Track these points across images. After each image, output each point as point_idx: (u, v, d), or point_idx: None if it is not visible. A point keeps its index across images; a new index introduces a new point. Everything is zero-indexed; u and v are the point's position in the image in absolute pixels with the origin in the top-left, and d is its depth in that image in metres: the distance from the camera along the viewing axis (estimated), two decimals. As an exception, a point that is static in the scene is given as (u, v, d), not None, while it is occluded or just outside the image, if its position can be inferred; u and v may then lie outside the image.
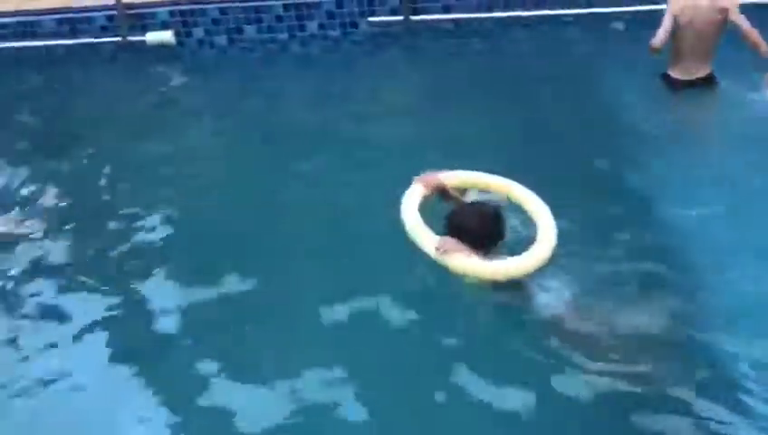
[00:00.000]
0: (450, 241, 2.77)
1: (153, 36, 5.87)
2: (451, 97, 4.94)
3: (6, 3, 6.30)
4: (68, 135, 4.94)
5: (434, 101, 4.95)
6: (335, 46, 6.03)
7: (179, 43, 6.00)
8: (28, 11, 6.13)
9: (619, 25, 5.71)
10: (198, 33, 6.03)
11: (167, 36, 5.87)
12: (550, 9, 5.80)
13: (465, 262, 2.73)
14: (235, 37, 6.06)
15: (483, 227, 2.84)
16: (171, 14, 5.96)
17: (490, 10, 5.87)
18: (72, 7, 6.09)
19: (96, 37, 6.06)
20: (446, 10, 5.87)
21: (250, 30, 6.02)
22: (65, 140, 4.87)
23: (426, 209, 3.00)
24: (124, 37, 5.86)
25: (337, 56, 5.98)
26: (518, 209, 3.07)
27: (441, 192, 3.11)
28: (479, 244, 2.81)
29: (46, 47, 6.11)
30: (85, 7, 6.04)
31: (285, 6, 5.91)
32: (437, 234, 2.84)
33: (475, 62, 5.61)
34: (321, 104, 5.05)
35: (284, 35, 6.04)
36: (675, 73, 4.51)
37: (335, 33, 6.01)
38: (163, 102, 5.39)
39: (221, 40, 6.07)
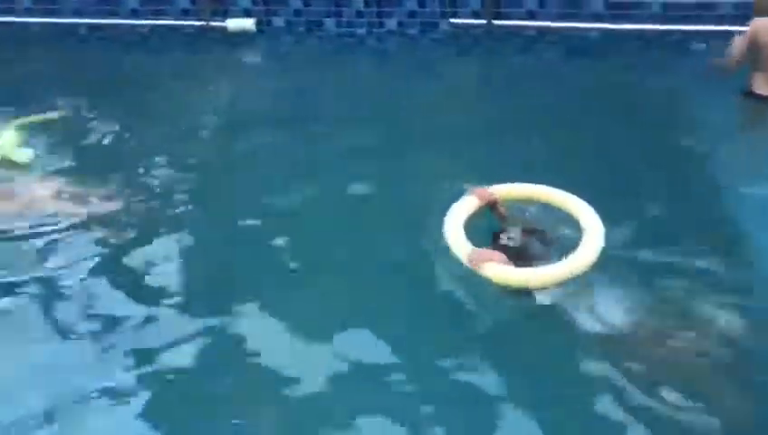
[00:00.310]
0: (484, 252, 2.82)
1: (235, 23, 5.91)
2: (525, 106, 4.86)
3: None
4: (143, 114, 4.95)
5: (507, 108, 4.86)
6: (413, 44, 6.01)
7: (259, 30, 6.00)
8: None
9: (700, 45, 5.60)
10: (279, 22, 6.05)
11: (248, 24, 5.90)
12: (632, 23, 5.69)
13: (496, 271, 2.77)
14: (314, 29, 6.05)
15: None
16: (254, 2, 5.97)
17: (570, 19, 5.77)
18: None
19: (176, 19, 6.10)
20: (530, 16, 5.79)
21: (329, 23, 6.03)
22: (141, 120, 4.86)
23: (473, 221, 3.07)
24: (206, 22, 5.89)
25: (413, 54, 5.96)
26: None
27: (492, 206, 3.16)
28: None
29: (130, 25, 6.16)
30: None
31: (366, 2, 5.89)
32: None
33: (553, 70, 5.56)
34: (391, 100, 5.07)
35: (363, 30, 6.03)
36: (759, 90, 4.46)
37: (414, 31, 5.98)
38: (240, 87, 5.44)
39: (300, 30, 6.07)
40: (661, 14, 5.65)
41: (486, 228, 3.11)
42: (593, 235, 2.88)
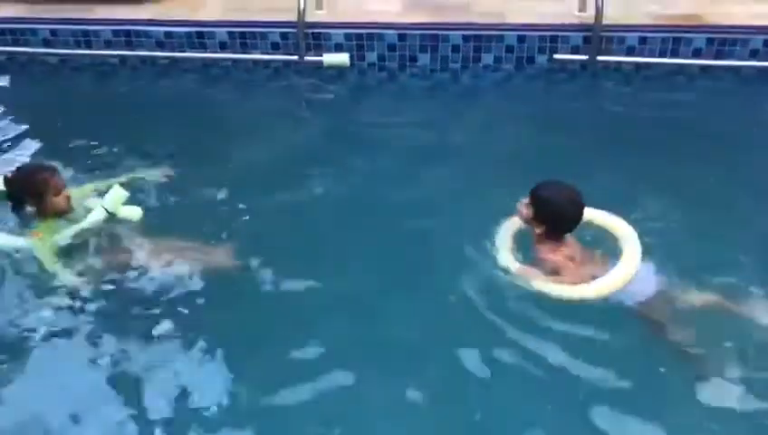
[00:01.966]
0: (530, 270, 3.20)
1: (331, 58, 5.75)
2: (622, 145, 4.81)
3: (177, 12, 6.19)
4: (238, 156, 4.76)
5: (600, 145, 4.84)
6: (508, 80, 5.91)
7: (350, 65, 5.86)
8: (199, 21, 5.99)
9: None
10: (371, 57, 5.91)
11: (344, 58, 5.75)
12: (734, 60, 5.66)
13: (545, 285, 3.13)
14: (407, 64, 5.92)
15: (573, 210, 3.23)
16: (347, 36, 5.82)
17: (672, 55, 5.72)
18: (245, 21, 5.95)
19: (264, 53, 5.92)
20: (630, 52, 5.73)
21: (423, 58, 5.89)
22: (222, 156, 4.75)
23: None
24: (301, 57, 5.73)
25: (509, 90, 5.86)
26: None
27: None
28: (562, 227, 3.27)
29: (213, 59, 5.97)
30: (261, 22, 5.90)
31: (465, 37, 5.78)
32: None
33: (652, 104, 5.49)
34: (481, 135, 5.02)
35: (457, 65, 5.91)
36: None
37: (510, 66, 5.88)
38: (328, 124, 5.28)
39: (393, 65, 5.94)
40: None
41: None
42: (631, 244, 3.20)
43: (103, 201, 3.65)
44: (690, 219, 3.87)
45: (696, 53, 5.69)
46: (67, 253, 3.61)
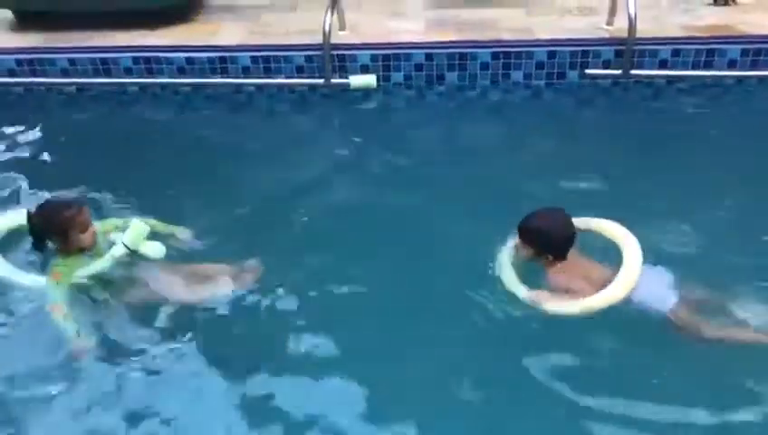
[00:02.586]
0: (541, 293, 3.22)
1: (358, 79, 5.62)
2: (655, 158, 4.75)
3: (197, 37, 6.07)
4: (261, 184, 4.65)
5: (632, 158, 4.79)
6: (537, 96, 5.79)
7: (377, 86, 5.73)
8: (219, 46, 5.86)
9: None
10: (398, 77, 5.78)
11: (371, 80, 5.62)
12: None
13: (558, 306, 3.17)
14: (434, 83, 5.80)
15: (563, 231, 3.27)
16: (373, 57, 5.70)
17: (706, 68, 5.61)
18: (269, 45, 5.82)
19: (288, 77, 5.79)
20: (663, 65, 5.61)
21: (451, 76, 5.77)
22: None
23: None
24: (327, 79, 5.59)
25: (538, 106, 5.75)
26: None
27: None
28: (561, 249, 3.29)
29: (237, 84, 5.84)
30: (285, 45, 5.78)
31: (494, 54, 5.66)
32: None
33: (684, 117, 5.39)
34: (506, 153, 4.93)
35: (486, 82, 5.78)
36: None
37: (540, 82, 5.76)
38: (357, 147, 5.14)
39: (420, 85, 5.81)
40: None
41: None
42: (632, 252, 3.19)
43: (123, 237, 3.48)
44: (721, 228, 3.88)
45: (732, 65, 5.56)
46: (83, 290, 3.47)
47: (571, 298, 3.17)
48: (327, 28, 5.47)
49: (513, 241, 3.43)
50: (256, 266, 3.63)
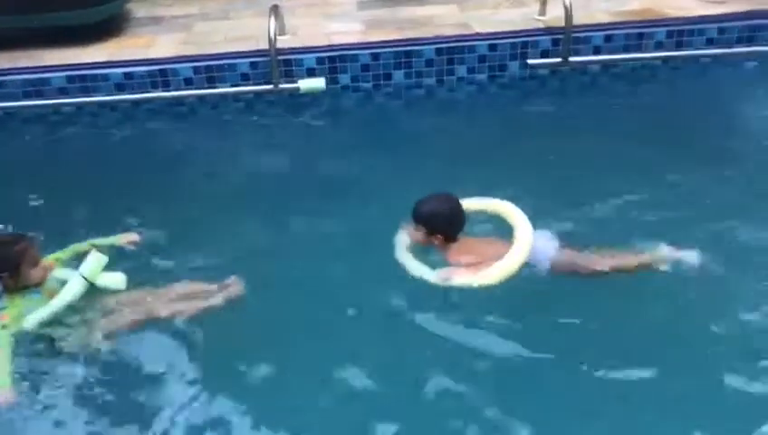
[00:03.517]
0: (448, 270, 3.32)
1: (307, 83, 5.59)
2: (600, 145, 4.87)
3: (130, 51, 5.86)
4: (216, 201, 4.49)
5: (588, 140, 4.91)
6: (481, 90, 5.92)
7: (323, 89, 5.72)
8: (158, 59, 5.68)
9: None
10: (345, 79, 5.78)
11: (320, 83, 5.60)
12: (692, 49, 5.91)
13: (467, 278, 3.27)
14: (381, 83, 5.84)
15: (454, 212, 3.45)
16: (319, 60, 5.68)
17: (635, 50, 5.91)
18: (211, 54, 5.70)
19: (234, 85, 5.69)
20: (597, 51, 5.87)
21: (398, 75, 5.83)
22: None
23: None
24: (276, 85, 5.53)
25: (482, 100, 5.88)
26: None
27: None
28: (453, 229, 3.46)
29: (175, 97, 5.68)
30: (228, 54, 5.67)
31: (438, 50, 5.76)
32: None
33: (623, 100, 5.63)
34: (445, 149, 4.95)
35: (432, 80, 5.88)
36: None
37: (483, 76, 5.90)
38: (310, 151, 5.11)
39: (367, 86, 5.84)
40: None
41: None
42: (522, 223, 3.41)
43: (81, 269, 3.23)
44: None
45: (658, 46, 5.88)
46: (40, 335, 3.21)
47: (474, 269, 3.30)
48: (272, 34, 5.40)
49: (405, 227, 3.56)
50: (236, 283, 3.48)
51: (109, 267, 3.36)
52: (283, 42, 5.79)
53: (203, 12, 6.70)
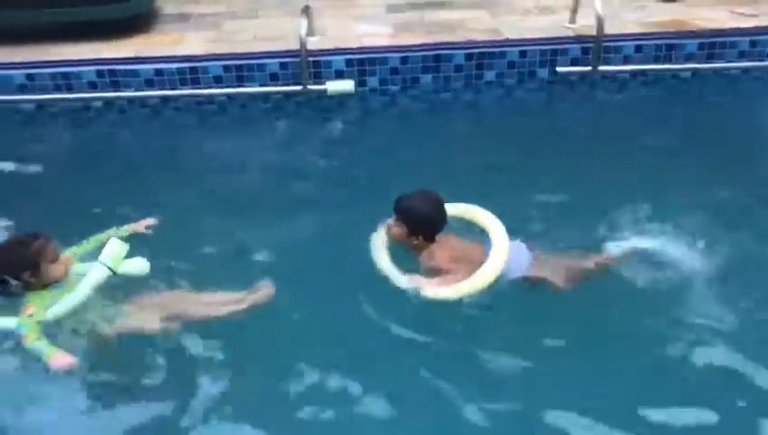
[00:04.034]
0: (419, 279, 3.24)
1: (335, 85, 5.58)
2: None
3: (158, 48, 5.86)
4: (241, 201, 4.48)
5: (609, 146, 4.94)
6: (509, 95, 5.91)
7: (352, 91, 5.71)
8: (189, 56, 5.68)
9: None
10: (373, 82, 5.77)
11: (348, 85, 5.59)
12: (723, 62, 5.88)
13: (437, 291, 3.20)
14: (409, 87, 5.82)
15: (437, 212, 3.38)
16: (348, 62, 5.67)
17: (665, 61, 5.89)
18: (241, 53, 5.69)
19: (263, 85, 5.68)
20: (627, 60, 5.85)
21: (425, 79, 5.82)
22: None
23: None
24: (305, 86, 5.52)
25: (509, 105, 5.87)
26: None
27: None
28: (433, 230, 3.39)
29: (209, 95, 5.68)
30: (258, 53, 5.67)
31: (467, 55, 5.74)
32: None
33: (651, 109, 5.62)
34: (470, 154, 4.93)
35: (460, 84, 5.86)
36: None
37: (511, 81, 5.88)
38: (336, 153, 5.07)
39: (394, 89, 5.82)
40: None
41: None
42: (498, 235, 3.34)
43: (102, 257, 3.20)
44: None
45: (689, 58, 5.85)
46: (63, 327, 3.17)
47: (446, 280, 3.25)
48: (303, 34, 5.39)
49: (384, 223, 3.49)
50: (268, 287, 3.40)
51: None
52: (313, 43, 5.78)
53: (231, 10, 6.71)
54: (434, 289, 3.20)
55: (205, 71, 5.62)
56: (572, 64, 5.83)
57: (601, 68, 5.75)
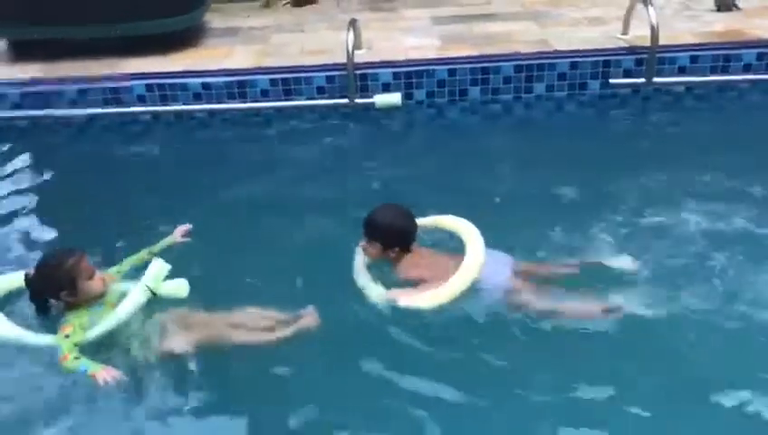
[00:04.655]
0: (394, 292, 3.22)
1: (382, 99, 5.53)
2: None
3: (207, 62, 5.89)
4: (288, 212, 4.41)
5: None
6: (560, 108, 5.79)
7: (399, 104, 5.65)
8: (236, 70, 5.70)
9: None
10: (420, 94, 5.71)
11: (395, 99, 5.54)
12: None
13: (413, 300, 3.18)
14: (457, 99, 5.75)
15: (405, 221, 3.41)
16: (395, 75, 5.62)
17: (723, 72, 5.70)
18: (288, 66, 5.69)
19: (309, 99, 5.66)
20: (681, 72, 5.69)
21: (474, 91, 5.73)
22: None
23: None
24: (352, 99, 5.49)
25: (561, 118, 5.74)
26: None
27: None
28: (407, 239, 3.40)
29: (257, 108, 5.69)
30: (305, 67, 5.66)
31: (516, 68, 5.64)
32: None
33: (702, 123, 5.44)
34: (527, 167, 4.80)
35: (509, 96, 5.76)
36: None
37: (562, 94, 5.76)
38: (383, 167, 4.96)
39: (442, 102, 5.75)
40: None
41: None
42: (474, 242, 3.33)
43: (145, 278, 3.17)
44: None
45: (747, 69, 5.67)
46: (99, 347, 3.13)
47: (424, 290, 3.21)
48: (350, 48, 5.37)
49: (361, 243, 3.47)
50: (312, 314, 3.27)
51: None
52: (359, 56, 5.75)
53: (278, 23, 6.72)
54: (408, 299, 3.19)
55: (252, 84, 5.62)
56: (625, 76, 5.67)
57: (656, 79, 5.59)
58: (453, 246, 3.57)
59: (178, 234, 3.71)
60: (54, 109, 5.64)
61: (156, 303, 3.26)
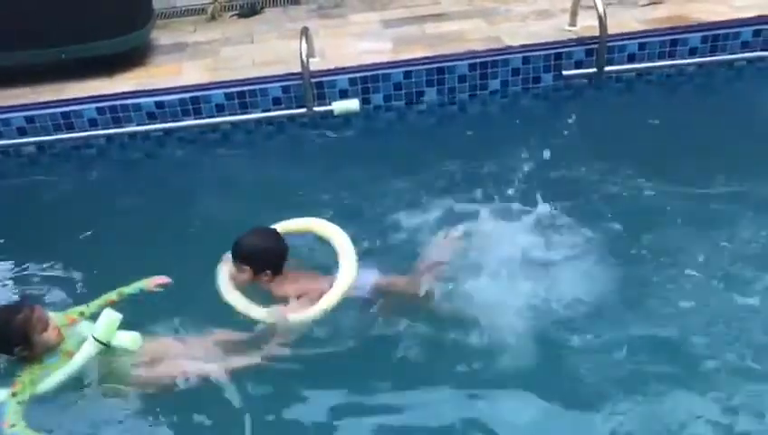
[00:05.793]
0: (280, 308, 3.25)
1: (341, 105, 5.50)
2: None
3: (157, 81, 5.77)
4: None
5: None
6: (515, 103, 5.83)
7: (355, 110, 5.62)
8: (190, 86, 5.60)
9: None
10: (377, 99, 5.70)
11: (354, 105, 5.51)
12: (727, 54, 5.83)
13: (301, 315, 3.23)
14: (414, 101, 5.75)
15: (277, 244, 3.46)
16: (351, 81, 5.59)
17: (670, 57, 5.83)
18: (239, 80, 5.61)
19: (265, 111, 5.60)
20: (631, 59, 5.79)
21: (430, 92, 5.74)
22: None
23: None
24: (310, 108, 5.44)
25: (516, 113, 5.79)
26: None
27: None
28: (280, 262, 3.45)
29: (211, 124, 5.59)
30: (259, 78, 5.59)
31: (471, 66, 5.68)
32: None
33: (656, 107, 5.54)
34: (481, 164, 4.81)
35: (465, 95, 5.79)
36: None
37: (516, 88, 5.82)
38: (347, 174, 4.92)
39: (399, 104, 5.75)
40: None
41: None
42: (345, 247, 3.43)
43: (94, 330, 3.10)
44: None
45: (693, 52, 5.80)
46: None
47: (303, 301, 3.28)
48: (304, 56, 5.32)
49: (224, 268, 3.47)
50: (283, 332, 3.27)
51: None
52: (314, 64, 5.70)
53: (226, 36, 6.63)
54: (296, 313, 3.23)
55: (206, 99, 5.52)
56: (577, 67, 5.75)
57: (608, 68, 5.68)
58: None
59: (154, 284, 3.57)
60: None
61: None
